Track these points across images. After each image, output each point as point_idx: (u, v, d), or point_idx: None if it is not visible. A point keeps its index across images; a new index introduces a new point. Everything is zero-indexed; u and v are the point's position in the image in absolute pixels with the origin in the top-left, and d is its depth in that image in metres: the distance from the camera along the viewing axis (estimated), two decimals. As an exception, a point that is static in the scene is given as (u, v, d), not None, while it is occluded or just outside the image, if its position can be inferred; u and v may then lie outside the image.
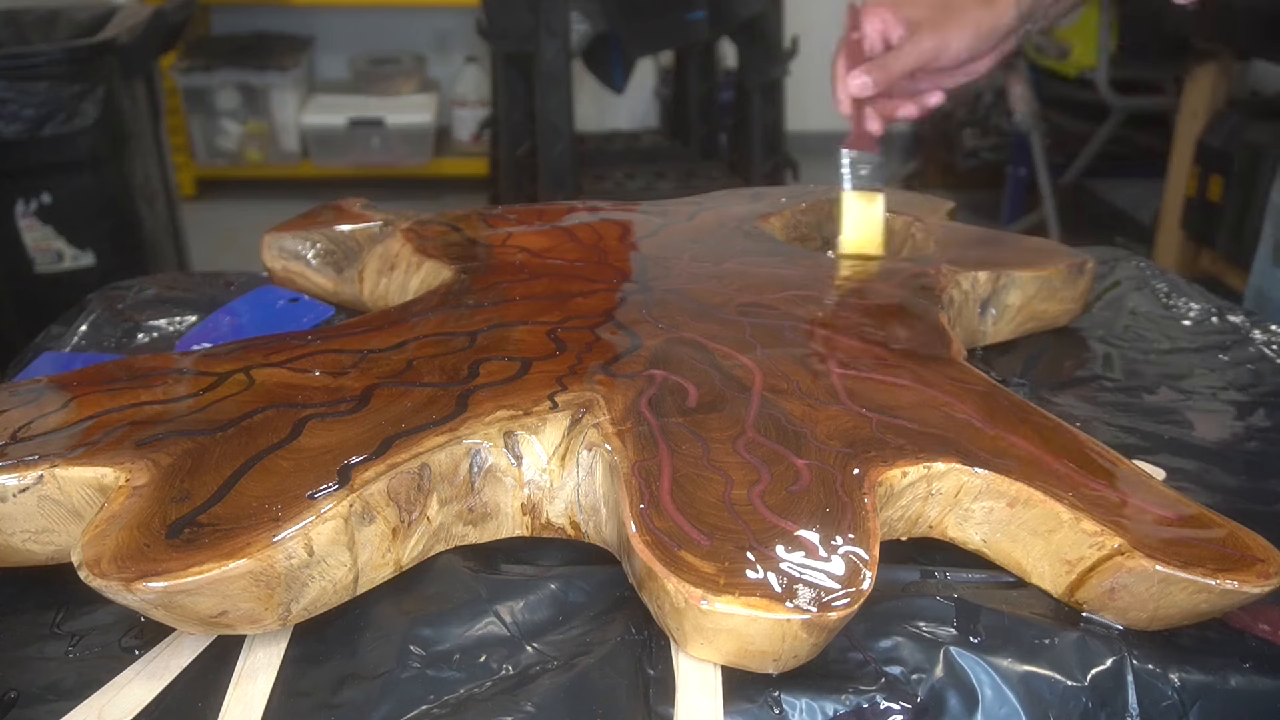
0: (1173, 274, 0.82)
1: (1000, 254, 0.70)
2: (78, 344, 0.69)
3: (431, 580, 0.44)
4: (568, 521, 0.47)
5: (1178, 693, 0.40)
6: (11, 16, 1.69)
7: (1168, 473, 0.53)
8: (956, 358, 0.56)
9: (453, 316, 0.59)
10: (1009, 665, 0.40)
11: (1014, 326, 0.70)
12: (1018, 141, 2.60)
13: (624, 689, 0.39)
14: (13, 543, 0.44)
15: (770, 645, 0.37)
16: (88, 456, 0.43)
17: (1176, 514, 0.44)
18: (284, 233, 0.74)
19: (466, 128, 3.02)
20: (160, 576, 0.37)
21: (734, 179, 2.29)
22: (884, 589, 0.44)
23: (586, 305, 0.60)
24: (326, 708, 0.38)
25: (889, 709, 0.39)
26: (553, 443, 0.47)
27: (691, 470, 0.44)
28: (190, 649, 0.41)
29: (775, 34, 2.18)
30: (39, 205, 1.47)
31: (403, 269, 0.69)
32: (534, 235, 0.73)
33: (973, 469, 0.45)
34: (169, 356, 0.54)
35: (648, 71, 3.11)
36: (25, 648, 0.42)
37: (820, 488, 0.43)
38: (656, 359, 0.53)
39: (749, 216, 0.77)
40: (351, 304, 0.73)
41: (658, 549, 0.39)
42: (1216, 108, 1.96)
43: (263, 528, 0.39)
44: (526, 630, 0.42)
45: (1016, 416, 0.50)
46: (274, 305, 0.72)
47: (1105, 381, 0.64)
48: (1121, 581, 0.41)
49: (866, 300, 0.63)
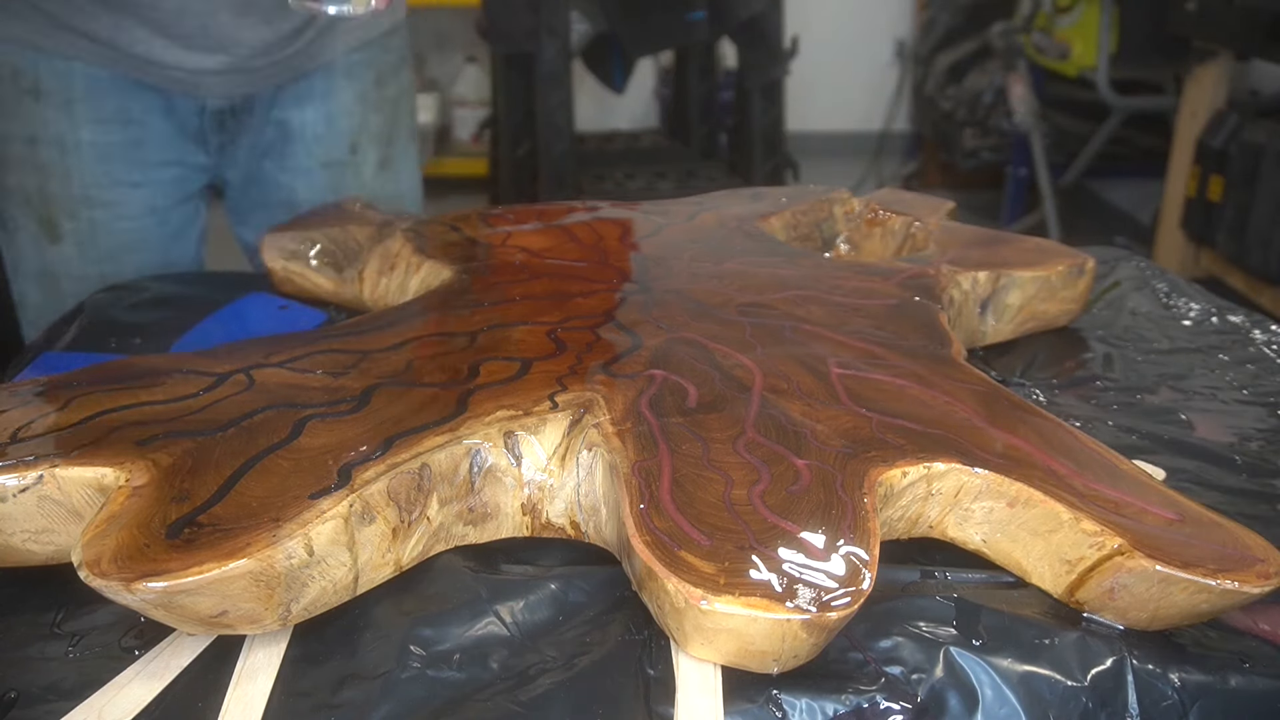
0: (1173, 274, 0.82)
1: (1000, 254, 0.70)
2: (77, 344, 0.69)
3: (431, 580, 0.44)
4: (568, 521, 0.47)
5: (1178, 693, 0.40)
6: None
7: (1168, 473, 0.53)
8: (956, 358, 0.56)
9: (453, 316, 0.59)
10: (1009, 665, 0.40)
11: (1014, 326, 0.70)
12: (1018, 141, 2.60)
13: (624, 689, 0.39)
14: (13, 543, 0.44)
15: (770, 645, 0.37)
16: (88, 456, 0.43)
17: (1176, 514, 0.44)
18: (284, 233, 0.74)
19: (466, 128, 3.02)
20: (160, 576, 0.37)
21: (734, 179, 2.29)
22: (884, 589, 0.44)
23: (586, 305, 0.60)
24: (326, 708, 0.38)
25: (889, 709, 0.39)
26: (553, 443, 0.47)
27: (691, 470, 0.44)
28: (190, 649, 0.41)
29: (775, 34, 2.19)
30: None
31: (403, 269, 0.69)
32: (534, 235, 0.73)
33: (973, 469, 0.45)
34: (169, 356, 0.54)
35: (648, 71, 3.12)
36: (25, 648, 0.42)
37: (820, 488, 0.43)
38: (656, 359, 0.53)
39: (749, 216, 0.77)
40: (351, 304, 0.73)
41: (658, 549, 0.39)
42: (1216, 108, 1.96)
43: (263, 528, 0.39)
44: (526, 630, 0.42)
45: (1016, 416, 0.50)
46: (265, 312, 0.71)
47: (1105, 381, 0.64)
48: (1121, 581, 0.41)
49: (867, 300, 0.63)
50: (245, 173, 0.88)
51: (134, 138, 0.80)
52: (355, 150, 0.88)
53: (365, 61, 0.87)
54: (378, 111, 0.89)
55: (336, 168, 0.88)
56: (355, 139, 0.88)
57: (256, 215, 0.90)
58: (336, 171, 0.88)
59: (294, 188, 0.88)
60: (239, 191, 0.90)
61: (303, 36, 0.81)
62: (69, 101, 0.76)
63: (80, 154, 0.78)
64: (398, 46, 0.91)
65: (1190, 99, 2.02)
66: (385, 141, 0.90)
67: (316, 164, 0.87)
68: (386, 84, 0.90)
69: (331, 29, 0.82)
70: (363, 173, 0.89)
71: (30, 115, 0.74)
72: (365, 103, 0.88)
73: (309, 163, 0.87)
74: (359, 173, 0.89)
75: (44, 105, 0.75)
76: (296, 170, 0.87)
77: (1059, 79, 2.52)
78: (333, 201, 0.82)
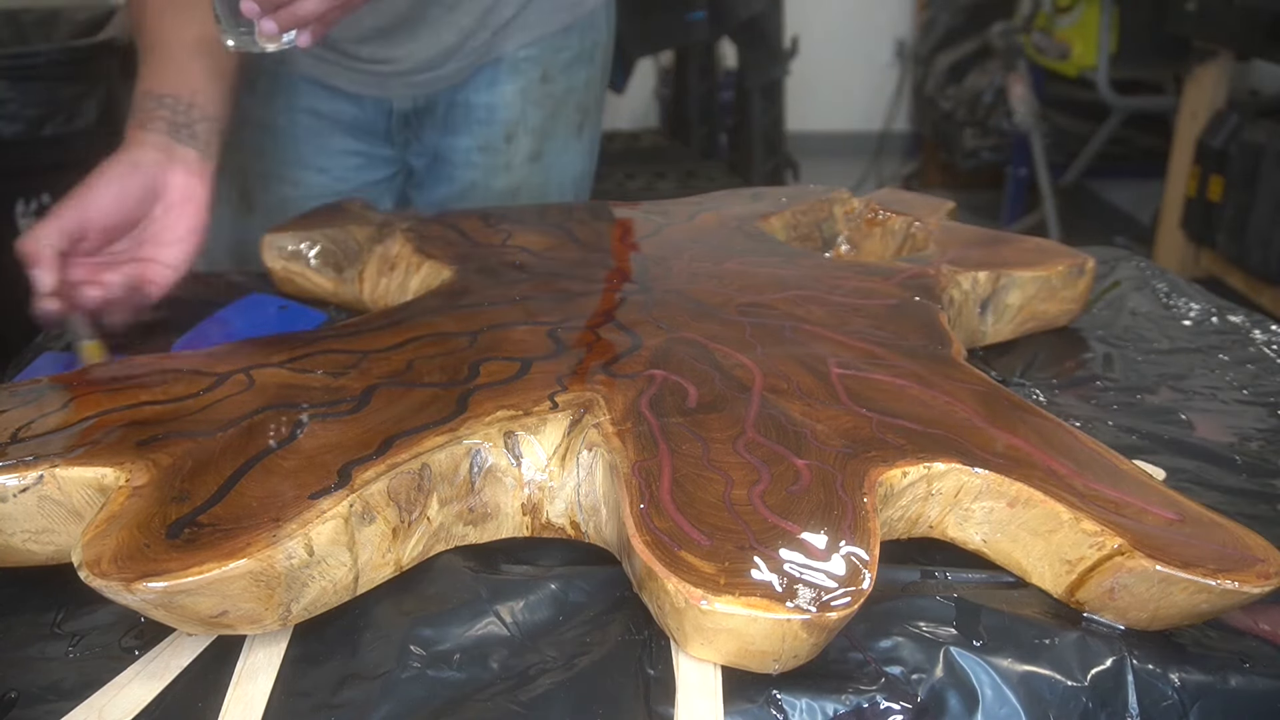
0: (1173, 274, 0.82)
1: (1000, 254, 0.70)
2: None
3: (431, 580, 0.44)
4: (568, 521, 0.47)
5: (1178, 693, 0.40)
6: (11, 16, 1.69)
7: (1168, 473, 0.53)
8: (956, 358, 0.56)
9: (453, 316, 0.59)
10: (1009, 665, 0.40)
11: (1014, 326, 0.70)
12: (1018, 141, 2.60)
13: (624, 689, 0.39)
14: (13, 543, 0.44)
15: (770, 645, 0.37)
16: (88, 456, 0.43)
17: (1177, 514, 0.44)
18: (284, 233, 0.74)
19: (466, 128, 3.01)
20: (160, 576, 0.37)
21: (734, 179, 2.29)
22: (884, 589, 0.44)
23: (586, 305, 0.60)
24: (326, 708, 0.38)
25: (889, 709, 0.39)
26: (553, 443, 0.47)
27: (692, 470, 0.44)
28: (190, 649, 0.41)
29: (775, 34, 2.19)
30: (39, 205, 1.47)
31: (403, 269, 0.69)
32: (534, 235, 0.73)
33: (973, 469, 0.45)
34: (169, 356, 0.54)
35: (648, 71, 3.12)
36: (25, 648, 0.42)
37: (820, 488, 0.43)
38: (657, 359, 0.53)
39: (749, 216, 0.77)
40: (351, 304, 0.73)
41: (658, 549, 0.39)
42: (1216, 108, 1.96)
43: (263, 528, 0.39)
44: (526, 630, 0.42)
45: (1016, 416, 0.50)
46: (264, 312, 0.71)
47: (1105, 381, 0.64)
48: (1121, 581, 0.41)
49: (867, 300, 0.63)
50: (426, 157, 0.97)
51: (323, 129, 0.91)
52: (510, 140, 0.94)
53: (533, 58, 0.92)
54: (538, 106, 0.94)
55: (490, 153, 0.94)
56: (511, 129, 0.94)
57: (427, 188, 0.98)
58: (490, 156, 0.94)
59: (453, 163, 0.95)
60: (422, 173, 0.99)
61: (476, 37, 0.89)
62: (271, 94, 0.89)
63: (275, 137, 0.90)
64: (573, 45, 0.95)
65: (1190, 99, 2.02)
66: (541, 135, 0.95)
67: (475, 146, 0.94)
68: (553, 80, 0.94)
69: (504, 30, 0.89)
70: (513, 162, 0.95)
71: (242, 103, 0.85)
72: (526, 97, 0.93)
73: (469, 143, 0.94)
74: (509, 162, 0.95)
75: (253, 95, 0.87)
76: (456, 149, 0.94)
77: (1059, 79, 2.52)
78: (333, 202, 0.82)
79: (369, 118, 0.92)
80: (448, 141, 0.94)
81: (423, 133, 0.94)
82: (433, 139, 0.95)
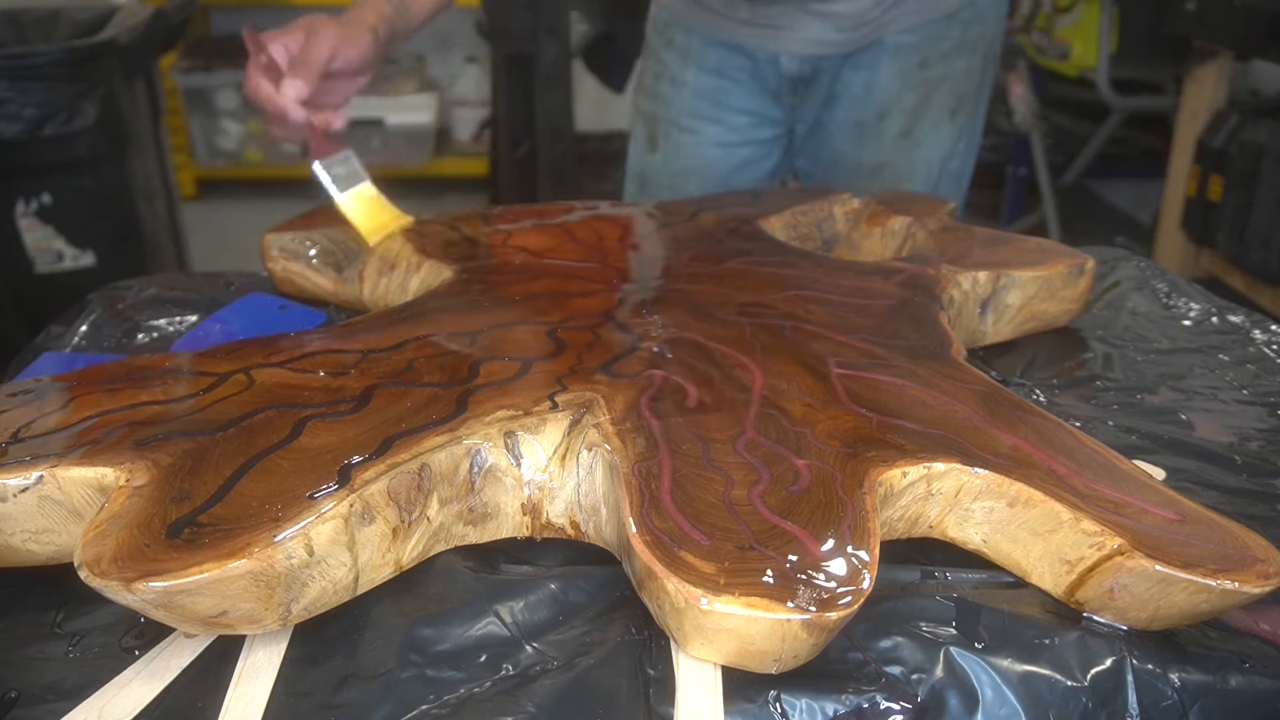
0: (1173, 274, 0.82)
1: (1000, 254, 0.70)
2: (78, 344, 0.69)
3: (431, 580, 0.44)
4: (568, 521, 0.47)
5: (1178, 693, 0.40)
6: (11, 16, 1.69)
7: (1168, 473, 0.53)
8: (956, 358, 0.56)
9: (453, 316, 0.59)
10: (1009, 665, 0.40)
11: (1014, 326, 0.70)
12: (1018, 141, 2.60)
13: (624, 689, 0.39)
14: (13, 543, 0.44)
15: (770, 645, 0.37)
16: (88, 456, 0.43)
17: (1176, 514, 0.44)
18: (284, 233, 0.74)
19: (466, 128, 3.02)
20: (160, 576, 0.37)
21: (734, 179, 2.28)
22: (884, 589, 0.44)
23: (586, 305, 0.60)
24: (326, 708, 0.38)
25: (889, 709, 0.39)
26: (553, 443, 0.47)
27: (691, 470, 0.44)
28: (190, 649, 0.41)
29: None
30: (39, 205, 1.47)
31: (403, 269, 0.69)
32: (534, 235, 0.73)
33: (973, 469, 0.45)
34: (169, 356, 0.54)
35: (648, 71, 3.11)
36: (25, 648, 0.42)
37: (820, 488, 0.43)
38: (656, 359, 0.53)
39: (749, 216, 0.77)
40: (351, 304, 0.73)
41: (658, 549, 0.39)
42: (1216, 108, 1.96)
43: (263, 528, 0.39)
44: (526, 630, 0.42)
45: (1016, 416, 0.50)
46: (264, 312, 0.71)
47: (1105, 381, 0.64)
48: (1121, 581, 0.41)
49: (867, 300, 0.63)
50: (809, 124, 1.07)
51: (722, 86, 1.04)
52: (883, 117, 1.02)
53: (913, 45, 0.99)
54: (913, 89, 1.01)
55: (863, 126, 1.02)
56: (885, 108, 1.01)
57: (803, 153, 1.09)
58: (862, 129, 1.03)
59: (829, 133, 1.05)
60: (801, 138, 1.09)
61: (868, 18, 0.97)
62: (685, 52, 1.04)
63: (681, 90, 1.05)
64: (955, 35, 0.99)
65: (1190, 99, 2.02)
66: (913, 115, 1.02)
67: (850, 120, 1.03)
68: (931, 66, 1.00)
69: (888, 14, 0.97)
70: (883, 137, 1.03)
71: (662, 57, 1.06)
72: (903, 80, 1.00)
73: (844, 117, 1.03)
74: (880, 136, 1.03)
75: (671, 52, 1.05)
76: (833, 120, 1.03)
77: (1059, 79, 2.52)
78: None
79: (763, 76, 1.02)
80: (827, 113, 1.03)
81: (807, 100, 1.03)
82: (814, 109, 1.04)
